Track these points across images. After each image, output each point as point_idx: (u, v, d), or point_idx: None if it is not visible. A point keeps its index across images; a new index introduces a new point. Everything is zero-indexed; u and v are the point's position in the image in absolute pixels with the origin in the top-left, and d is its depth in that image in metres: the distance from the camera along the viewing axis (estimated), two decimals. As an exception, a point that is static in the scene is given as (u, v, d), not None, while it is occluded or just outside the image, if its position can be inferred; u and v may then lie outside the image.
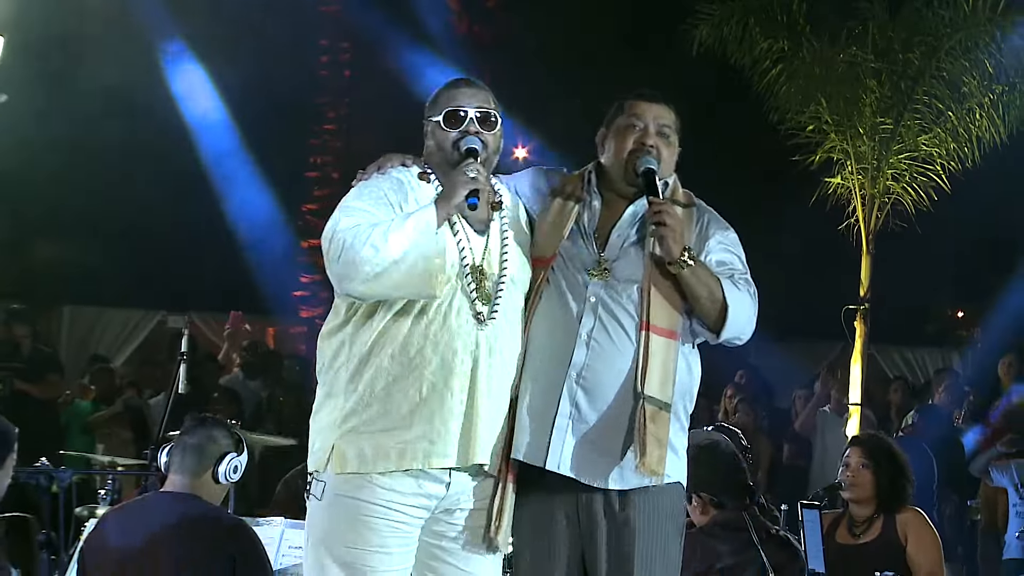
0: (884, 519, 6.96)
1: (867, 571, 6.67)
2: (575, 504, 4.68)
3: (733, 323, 4.70)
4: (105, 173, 17.11)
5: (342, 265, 4.39)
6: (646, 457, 4.55)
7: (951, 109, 12.92)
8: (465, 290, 4.55)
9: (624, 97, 4.93)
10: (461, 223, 4.58)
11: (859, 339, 13.07)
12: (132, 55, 17.07)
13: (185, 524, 5.61)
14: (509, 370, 4.63)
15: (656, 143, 4.79)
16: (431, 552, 4.62)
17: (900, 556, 6.84)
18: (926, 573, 6.82)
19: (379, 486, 4.47)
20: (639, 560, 4.64)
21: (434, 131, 4.69)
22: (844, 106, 12.98)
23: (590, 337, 4.63)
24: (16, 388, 12.41)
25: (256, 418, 12.31)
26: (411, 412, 4.47)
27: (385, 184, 4.62)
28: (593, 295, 4.68)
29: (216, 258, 17.24)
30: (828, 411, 13.26)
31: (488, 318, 4.57)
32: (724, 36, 13.36)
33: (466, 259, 4.56)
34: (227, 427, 6.04)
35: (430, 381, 4.48)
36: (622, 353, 4.64)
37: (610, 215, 4.83)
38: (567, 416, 4.61)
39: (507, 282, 4.63)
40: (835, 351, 15.03)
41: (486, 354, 4.55)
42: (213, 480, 5.75)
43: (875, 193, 13.05)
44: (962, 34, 12.78)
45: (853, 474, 7.03)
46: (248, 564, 5.57)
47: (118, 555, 5.57)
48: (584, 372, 4.62)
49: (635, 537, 4.65)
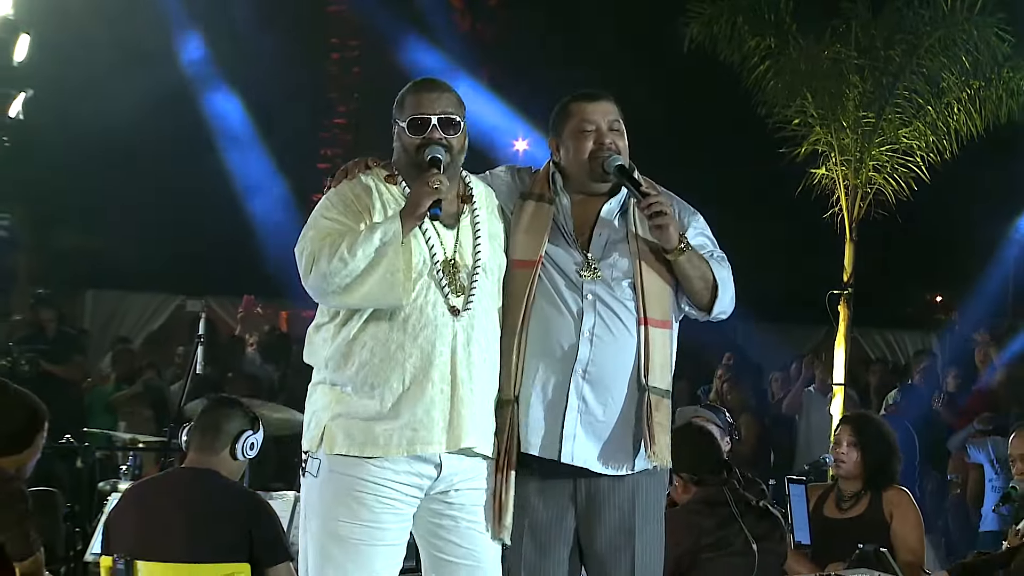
0: (871, 495, 6.95)
1: (852, 544, 6.67)
2: (574, 486, 4.69)
3: (721, 300, 4.73)
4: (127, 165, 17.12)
5: (314, 279, 4.44)
6: (655, 445, 4.61)
7: (930, 104, 12.92)
8: (438, 284, 4.52)
9: (566, 102, 4.87)
10: (429, 221, 4.53)
11: (842, 322, 13.08)
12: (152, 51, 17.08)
13: (204, 498, 5.61)
14: (488, 355, 4.61)
15: (612, 139, 4.75)
16: (433, 531, 4.62)
17: (884, 532, 6.83)
18: (908, 550, 6.82)
19: (371, 464, 4.47)
20: (639, 535, 4.68)
21: (400, 135, 4.65)
22: (828, 101, 12.98)
23: (592, 333, 4.62)
24: (42, 369, 12.40)
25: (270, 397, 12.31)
26: (395, 403, 4.46)
27: (353, 191, 4.59)
28: (590, 293, 4.65)
29: (232, 245, 17.22)
30: (813, 391, 13.29)
31: (463, 309, 4.54)
32: (714, 34, 13.36)
33: (436, 255, 4.54)
34: (243, 406, 6.05)
35: (411, 373, 4.47)
36: (623, 347, 4.64)
37: (584, 215, 4.79)
38: (576, 410, 4.61)
39: (480, 272, 4.59)
40: (820, 334, 15.03)
41: (464, 343, 4.53)
42: (231, 457, 5.75)
43: (858, 183, 13.05)
44: (941, 32, 12.79)
45: (844, 452, 7.03)
46: (265, 535, 5.57)
47: (140, 528, 5.57)
48: (589, 367, 4.61)
49: (636, 514, 4.69)
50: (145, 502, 5.71)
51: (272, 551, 5.56)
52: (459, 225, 4.63)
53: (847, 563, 6.59)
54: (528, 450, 4.63)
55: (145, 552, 5.47)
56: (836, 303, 12.99)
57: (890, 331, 20.15)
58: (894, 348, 19.66)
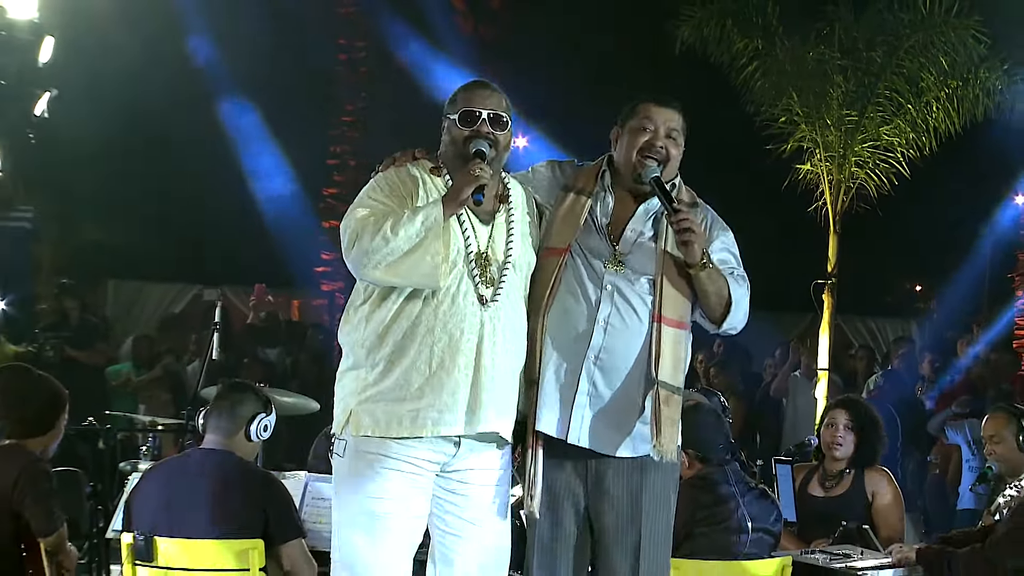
0: (854, 475, 6.96)
1: (835, 521, 6.68)
2: (586, 468, 4.72)
3: (733, 317, 4.76)
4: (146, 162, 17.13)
5: (356, 254, 4.44)
6: (661, 437, 4.62)
7: (910, 102, 12.92)
8: (470, 275, 4.55)
9: (639, 100, 4.88)
10: (467, 214, 4.57)
11: (827, 311, 13.09)
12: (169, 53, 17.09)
13: (221, 478, 5.61)
14: (512, 346, 4.62)
15: (665, 144, 4.77)
16: (444, 506, 4.64)
17: (866, 509, 6.84)
18: (889, 527, 6.82)
19: (395, 443, 4.50)
20: (646, 516, 4.71)
21: (450, 128, 4.67)
22: (813, 99, 12.98)
23: (607, 322, 4.65)
24: (66, 355, 12.41)
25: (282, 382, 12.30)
26: (422, 385, 4.48)
27: (399, 177, 4.62)
28: (609, 284, 4.68)
29: (246, 238, 17.23)
30: (799, 375, 13.29)
31: (491, 300, 4.56)
32: (704, 36, 13.37)
33: (471, 247, 4.57)
34: (257, 390, 6.05)
35: (439, 357, 4.49)
36: (634, 338, 4.66)
37: (622, 210, 4.81)
38: (586, 394, 4.64)
39: (510, 267, 4.62)
40: (805, 321, 15.06)
41: (490, 333, 4.55)
42: (246, 438, 5.76)
43: (841, 179, 13.06)
44: (920, 35, 12.79)
45: (843, 435, 7.01)
46: (278, 513, 5.59)
47: (160, 506, 5.57)
48: (601, 354, 4.64)
49: (642, 496, 4.71)
50: (164, 482, 5.71)
51: (285, 528, 5.57)
52: (494, 222, 4.66)
53: (831, 540, 6.60)
54: (540, 428, 4.65)
55: (164, 529, 5.48)
56: (821, 292, 13.02)
57: (872, 319, 20.16)
58: (875, 335, 19.67)
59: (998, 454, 6.85)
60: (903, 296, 22.32)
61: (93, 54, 15.40)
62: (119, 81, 16.44)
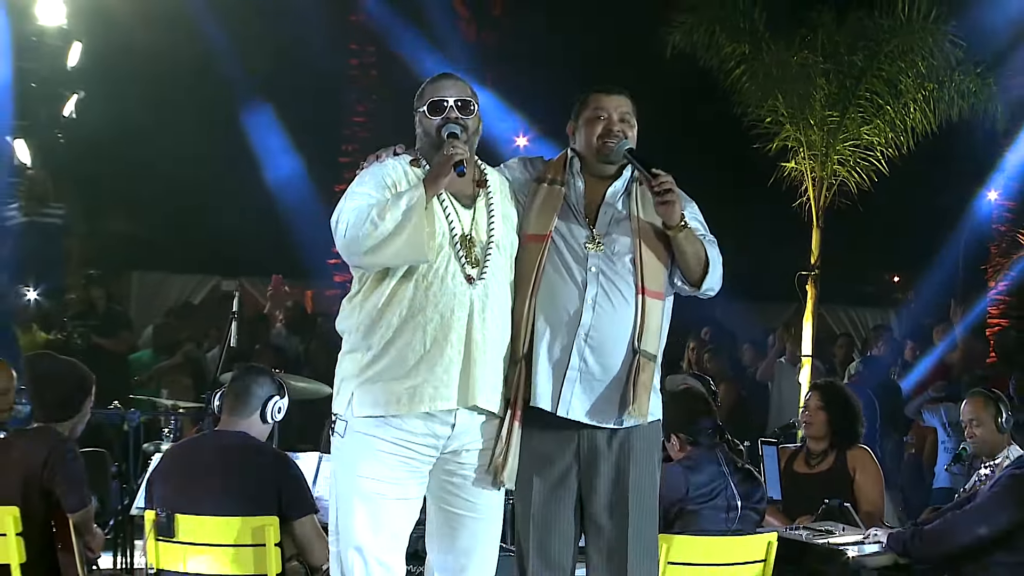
0: (836, 454, 6.97)
1: (819, 497, 6.68)
2: (577, 440, 4.72)
3: (711, 277, 4.77)
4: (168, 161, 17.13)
5: (347, 241, 4.47)
6: (637, 402, 4.63)
7: (889, 104, 12.91)
8: (457, 257, 4.56)
9: (587, 92, 4.94)
10: (449, 199, 4.59)
11: (810, 300, 13.08)
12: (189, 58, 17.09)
13: (237, 457, 5.62)
14: (500, 321, 4.63)
15: (621, 127, 4.81)
16: (444, 487, 4.64)
17: (848, 486, 6.85)
18: (869, 502, 6.82)
19: (392, 426, 4.49)
20: (633, 484, 4.72)
21: (421, 120, 4.72)
22: (797, 101, 12.95)
23: (594, 301, 4.65)
24: (92, 342, 12.40)
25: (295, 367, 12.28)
26: (417, 363, 4.48)
27: (383, 170, 4.63)
28: (594, 265, 4.69)
29: (263, 231, 17.21)
30: (784, 362, 13.28)
31: (478, 279, 4.57)
32: (695, 41, 13.35)
33: (455, 230, 4.57)
34: (271, 374, 6.05)
35: (432, 336, 4.50)
36: (621, 314, 4.66)
37: (593, 194, 4.83)
38: (577, 369, 4.65)
39: (494, 247, 4.63)
40: (790, 310, 15.00)
41: (479, 310, 4.56)
42: (261, 420, 5.76)
43: (824, 176, 13.04)
44: (899, 39, 12.78)
45: (812, 414, 7.03)
46: (291, 490, 5.59)
47: (180, 484, 5.57)
48: (591, 332, 4.64)
49: (630, 465, 4.72)
50: (184, 461, 5.72)
51: (298, 505, 5.56)
52: (475, 206, 4.67)
53: (815, 516, 6.60)
54: (537, 403, 4.65)
55: (184, 506, 5.47)
56: (804, 283, 13.00)
57: (852, 308, 20.15)
58: (856, 323, 19.65)
59: (978, 436, 6.85)
60: (882, 286, 22.29)
61: (118, 58, 15.41)
62: (142, 83, 16.48)
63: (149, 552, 5.52)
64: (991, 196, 18.03)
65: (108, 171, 16.66)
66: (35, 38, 13.49)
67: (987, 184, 17.65)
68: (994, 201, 18.16)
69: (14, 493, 5.77)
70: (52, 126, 14.04)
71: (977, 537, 6.00)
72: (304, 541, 5.56)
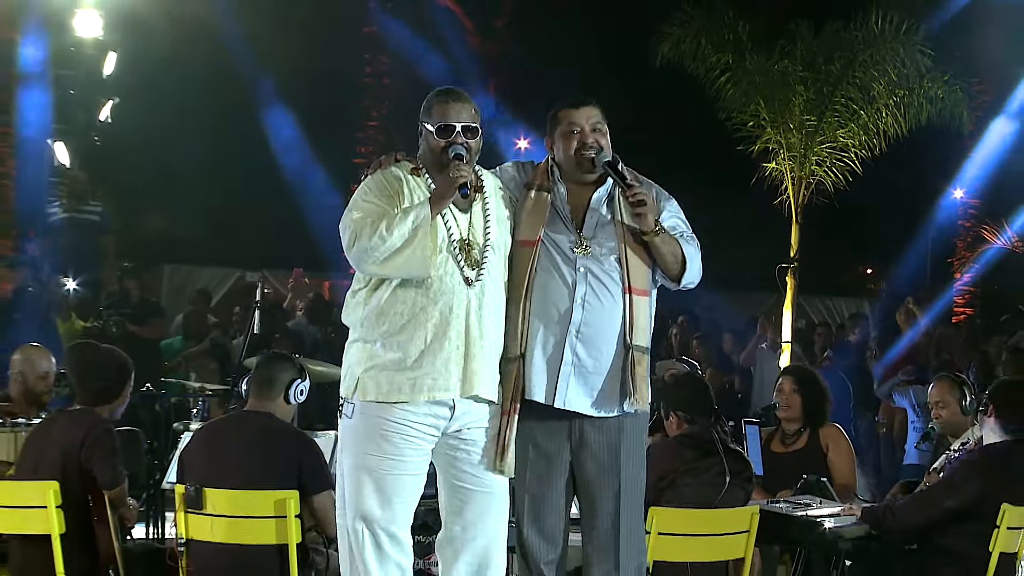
0: (810, 432, 6.96)
1: (796, 473, 6.68)
2: (570, 428, 4.73)
3: (689, 272, 4.79)
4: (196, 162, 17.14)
5: (356, 252, 4.47)
6: (637, 393, 4.67)
7: (863, 109, 12.97)
8: (455, 260, 4.55)
9: (557, 108, 4.89)
10: (448, 206, 4.56)
11: (790, 291, 13.15)
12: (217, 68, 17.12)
13: (261, 436, 5.62)
14: (495, 319, 4.63)
15: (595, 138, 4.78)
16: (451, 463, 4.65)
17: (822, 462, 6.84)
18: (842, 475, 6.81)
19: (396, 408, 4.51)
20: (623, 467, 4.74)
21: (428, 137, 4.66)
22: (778, 106, 13.02)
23: (584, 300, 4.66)
24: (127, 329, 12.39)
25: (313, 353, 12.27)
26: (419, 357, 4.49)
27: (386, 178, 4.61)
28: (582, 266, 4.69)
29: (284, 227, 17.22)
30: (765, 347, 13.28)
31: (476, 280, 4.57)
32: (682, 51, 13.43)
33: (453, 234, 4.56)
34: (292, 359, 6.05)
35: (432, 332, 4.50)
36: (610, 311, 4.67)
37: (577, 200, 4.81)
38: (570, 363, 4.65)
39: (490, 249, 4.62)
40: (771, 300, 15.00)
41: (476, 308, 4.56)
42: (284, 401, 5.76)
43: (802, 175, 13.10)
44: (872, 50, 12.85)
45: (787, 397, 7.03)
46: (311, 467, 5.60)
47: (209, 460, 5.58)
48: (581, 328, 4.65)
49: (620, 449, 4.73)
50: (212, 440, 5.72)
51: (317, 481, 5.57)
52: (472, 210, 4.64)
53: (794, 491, 6.60)
54: (531, 397, 4.65)
55: (211, 481, 5.47)
56: (784, 274, 13.06)
57: (829, 298, 20.12)
58: (832, 312, 19.62)
59: (943, 418, 6.85)
60: (856, 278, 22.28)
61: (150, 67, 15.42)
62: (172, 90, 16.49)
63: (179, 523, 5.52)
64: (957, 194, 18.04)
65: (141, 171, 16.66)
66: (73, 48, 13.54)
67: (953, 183, 17.67)
68: (960, 199, 18.18)
69: (54, 469, 5.77)
70: (89, 130, 14.08)
71: (944, 510, 6.02)
72: (322, 514, 5.56)
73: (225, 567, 5.49)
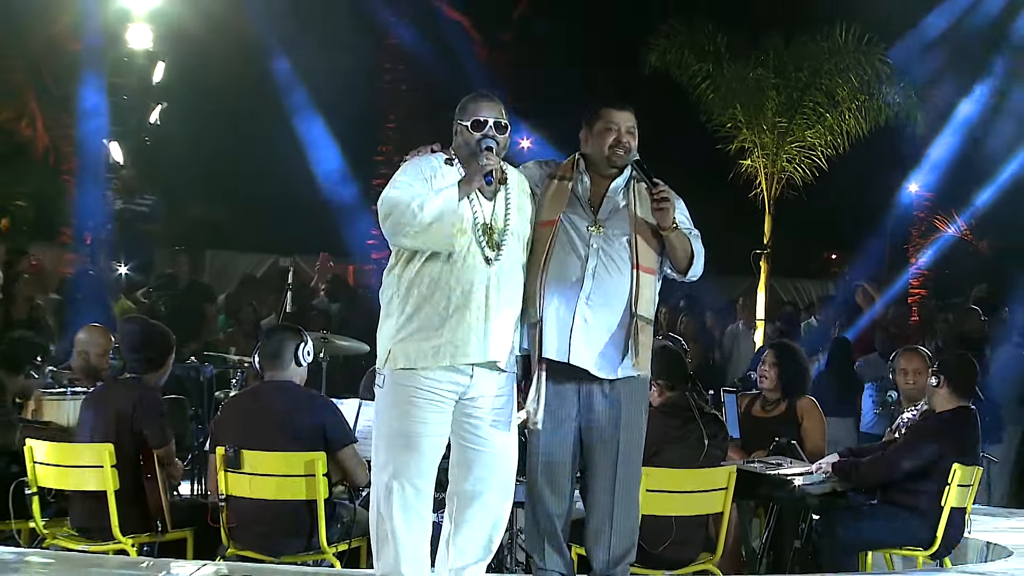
0: (787, 402, 6.91)
1: (771, 437, 6.65)
2: (578, 389, 4.77)
3: (695, 267, 4.83)
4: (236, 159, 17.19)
5: (391, 225, 4.49)
6: (639, 357, 4.71)
7: (829, 112, 12.99)
8: (478, 240, 4.58)
9: (599, 106, 4.90)
10: (476, 193, 4.60)
11: (763, 274, 13.18)
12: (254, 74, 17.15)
13: (286, 402, 5.62)
14: (511, 295, 4.65)
15: (627, 139, 4.81)
16: (464, 427, 4.66)
17: (796, 429, 6.79)
18: (813, 442, 6.76)
19: (422, 376, 4.54)
20: (624, 425, 4.78)
21: (462, 131, 4.69)
22: (752, 110, 13.05)
23: (594, 271, 4.70)
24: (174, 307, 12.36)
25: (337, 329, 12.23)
26: (441, 324, 4.52)
27: (422, 164, 4.64)
28: (595, 243, 4.73)
29: (313, 217, 17.25)
30: (741, 325, 13.25)
31: (495, 260, 4.59)
32: (668, 61, 13.46)
33: (478, 218, 4.59)
34: (290, 327, 6.01)
35: (455, 304, 4.52)
36: (615, 283, 4.71)
37: (597, 188, 4.85)
38: (580, 328, 4.69)
39: (509, 234, 4.64)
40: (746, 283, 14.97)
41: (495, 285, 4.58)
42: (296, 365, 5.71)
43: (774, 171, 13.12)
44: (837, 59, 12.88)
45: (768, 369, 6.98)
46: (333, 424, 5.61)
47: (241, 427, 5.57)
48: (591, 295, 4.69)
49: (622, 409, 4.77)
50: (244, 408, 5.74)
51: (340, 438, 5.61)
52: (495, 199, 4.68)
53: (767, 452, 6.58)
54: (547, 355, 4.69)
55: (248, 444, 5.46)
56: (758, 260, 13.10)
57: (798, 280, 20.12)
58: (801, 293, 19.60)
59: (913, 385, 6.71)
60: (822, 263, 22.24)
61: (195, 75, 15.45)
62: (215, 96, 16.50)
63: (220, 481, 5.51)
64: (912, 188, 18.02)
65: (186, 168, 16.68)
66: (126, 58, 13.58)
67: (909, 178, 17.63)
68: (915, 192, 18.17)
69: (109, 432, 5.77)
70: (140, 131, 14.11)
71: (902, 470, 6.06)
72: (347, 466, 5.60)
73: (261, 519, 5.49)
